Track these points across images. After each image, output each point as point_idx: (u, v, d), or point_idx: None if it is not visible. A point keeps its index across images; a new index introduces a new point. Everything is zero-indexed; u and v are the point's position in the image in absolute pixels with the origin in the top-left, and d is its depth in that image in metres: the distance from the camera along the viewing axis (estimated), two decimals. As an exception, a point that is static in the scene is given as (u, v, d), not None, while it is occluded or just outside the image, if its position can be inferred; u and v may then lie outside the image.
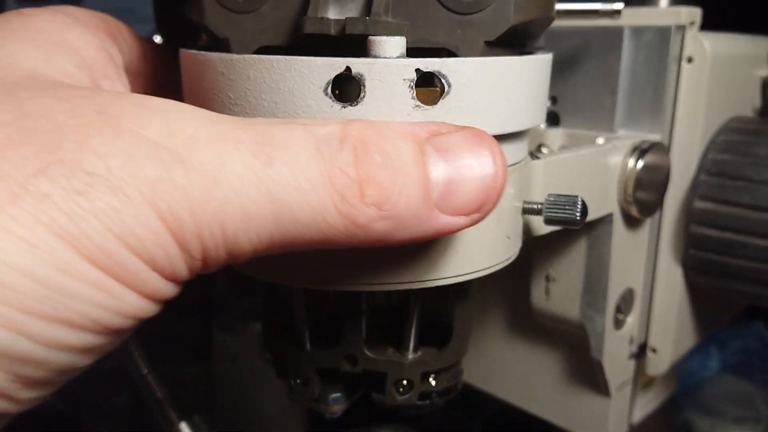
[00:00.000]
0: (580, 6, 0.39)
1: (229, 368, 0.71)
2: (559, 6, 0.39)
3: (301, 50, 0.25)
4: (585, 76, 0.43)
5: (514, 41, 0.28)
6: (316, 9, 0.25)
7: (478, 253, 0.29)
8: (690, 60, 0.41)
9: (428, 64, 0.24)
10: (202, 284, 0.27)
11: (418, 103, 0.24)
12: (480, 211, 0.23)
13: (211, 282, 0.72)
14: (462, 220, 0.23)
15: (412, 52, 0.24)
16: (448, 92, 0.25)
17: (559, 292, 0.42)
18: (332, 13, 0.26)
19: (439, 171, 0.22)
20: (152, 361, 0.70)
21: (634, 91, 0.42)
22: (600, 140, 0.41)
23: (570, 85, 0.43)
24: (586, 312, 0.41)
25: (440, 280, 0.28)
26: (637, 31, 0.41)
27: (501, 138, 0.27)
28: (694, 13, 0.41)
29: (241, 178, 0.20)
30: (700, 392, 0.60)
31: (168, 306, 0.22)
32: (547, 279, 0.43)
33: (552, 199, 0.31)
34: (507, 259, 0.30)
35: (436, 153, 0.22)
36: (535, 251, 0.43)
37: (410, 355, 0.32)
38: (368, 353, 0.32)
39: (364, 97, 0.24)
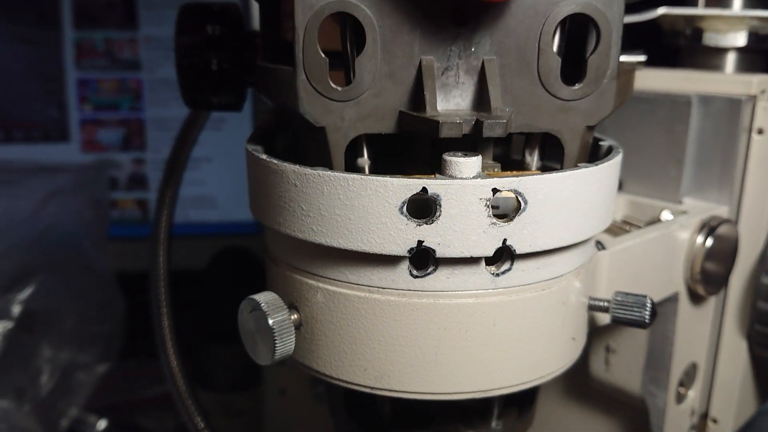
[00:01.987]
0: None
1: (278, 401, 0.72)
2: None
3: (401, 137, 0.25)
4: (650, 143, 0.42)
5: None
6: (433, 104, 0.25)
7: (543, 359, 0.28)
8: (761, 132, 0.40)
9: (505, 183, 0.24)
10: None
11: (494, 220, 0.24)
12: None
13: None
14: None
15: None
16: (524, 209, 0.24)
17: (619, 364, 0.42)
18: (441, 104, 0.25)
19: None
20: (202, 387, 0.71)
21: (702, 161, 0.41)
22: (666, 214, 0.40)
23: (634, 150, 0.42)
24: (648, 387, 0.41)
25: (505, 389, 0.28)
26: (706, 100, 0.40)
27: (574, 244, 0.27)
28: (765, 82, 0.40)
29: None
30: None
31: (219, 333, 0.21)
32: (607, 350, 0.42)
33: (620, 298, 0.30)
34: (572, 361, 0.30)
35: None
36: (595, 321, 0.42)
37: (493, 422, 0.32)
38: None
39: (439, 215, 0.24)
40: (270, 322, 0.27)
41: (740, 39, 0.46)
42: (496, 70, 0.25)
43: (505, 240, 0.24)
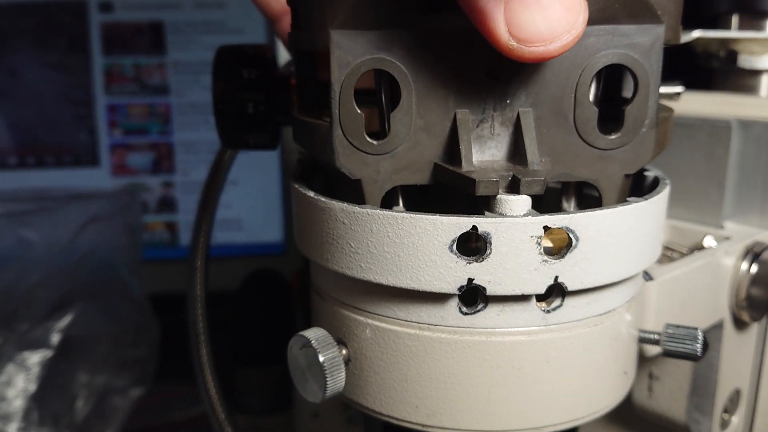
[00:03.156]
0: None
1: (310, 424, 0.72)
2: None
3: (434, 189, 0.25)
4: (691, 167, 0.42)
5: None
6: (468, 158, 0.25)
7: (596, 394, 0.28)
8: (803, 155, 0.39)
9: (556, 221, 0.24)
10: (287, 335, 0.27)
11: (546, 257, 0.24)
12: None
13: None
14: None
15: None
16: (576, 245, 0.24)
17: (662, 391, 0.41)
18: (476, 155, 0.25)
19: None
20: (234, 409, 0.72)
21: (742, 185, 0.41)
22: (708, 240, 0.39)
23: (674, 175, 0.42)
24: (693, 414, 0.40)
25: (558, 426, 0.27)
26: (745, 125, 0.40)
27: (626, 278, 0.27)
28: (808, 105, 0.40)
29: None
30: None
31: (254, 354, 0.21)
32: (650, 376, 0.42)
33: (671, 331, 0.30)
34: (623, 395, 0.30)
35: None
36: (637, 347, 0.42)
37: None
38: None
39: (490, 253, 0.24)
40: (321, 359, 0.27)
41: (776, 60, 0.46)
42: (532, 122, 0.25)
43: (556, 277, 0.24)
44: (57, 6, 0.87)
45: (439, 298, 0.26)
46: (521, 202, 0.24)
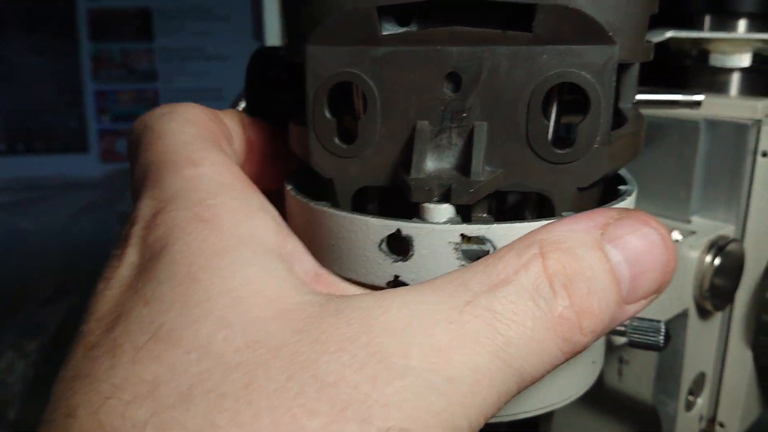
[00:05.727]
0: (661, 97, 0.39)
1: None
2: (639, 96, 0.39)
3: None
4: (660, 165, 0.44)
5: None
6: (418, 167, 0.27)
7: (566, 384, 0.30)
8: (765, 154, 0.42)
9: (473, 230, 0.26)
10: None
11: (463, 263, 0.26)
12: (659, 291, 0.24)
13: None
14: (643, 303, 0.24)
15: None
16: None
17: (631, 374, 0.44)
18: (431, 163, 0.27)
19: (624, 272, 0.23)
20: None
21: (709, 182, 0.43)
22: (675, 234, 0.42)
23: (645, 171, 0.45)
24: (659, 396, 0.43)
25: (530, 413, 0.30)
26: (713, 125, 0.42)
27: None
28: (771, 106, 0.42)
29: (486, 373, 0.21)
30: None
31: None
32: (620, 361, 0.44)
33: (636, 324, 0.32)
34: (591, 383, 0.32)
35: (616, 250, 0.23)
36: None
37: None
38: None
39: (413, 255, 0.26)
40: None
41: (745, 60, 0.48)
42: (484, 135, 0.26)
43: None
44: (44, -8, 0.87)
45: (378, 289, 0.28)
46: (443, 211, 0.26)
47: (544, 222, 0.25)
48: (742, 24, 0.48)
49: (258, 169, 0.34)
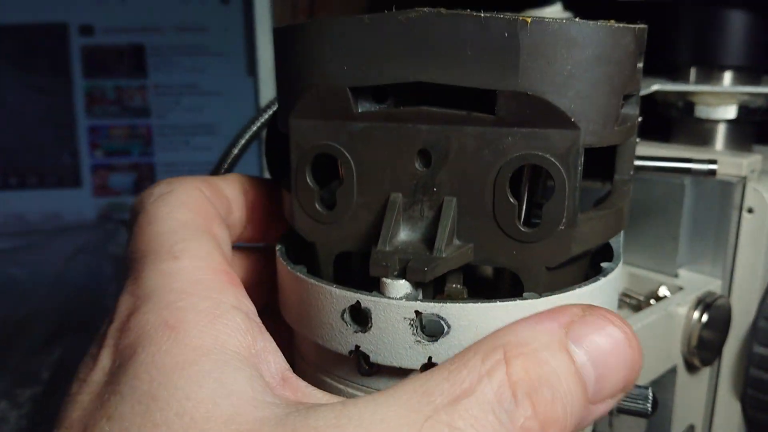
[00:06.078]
0: (674, 164, 0.39)
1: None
2: (653, 163, 0.39)
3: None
4: (648, 219, 0.45)
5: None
6: (385, 239, 0.27)
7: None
8: (750, 210, 0.43)
9: (427, 307, 0.26)
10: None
11: (419, 338, 0.26)
12: (626, 389, 0.24)
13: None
14: (610, 402, 0.24)
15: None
16: (447, 332, 0.26)
17: (622, 426, 0.44)
18: (404, 233, 0.28)
19: (589, 373, 0.23)
20: None
21: (696, 237, 0.44)
22: (663, 290, 0.42)
23: (633, 224, 0.45)
24: (649, 450, 0.43)
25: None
26: (699, 182, 0.43)
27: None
28: (754, 163, 0.43)
29: None
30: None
31: None
32: (611, 413, 0.45)
33: (624, 391, 0.33)
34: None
35: (581, 351, 0.23)
36: (599, 386, 0.45)
37: None
38: None
39: (371, 327, 0.26)
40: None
41: (730, 112, 0.49)
42: (451, 211, 0.27)
43: (430, 357, 0.26)
44: (38, 29, 0.88)
45: (344, 356, 0.28)
46: (398, 287, 0.26)
47: (499, 303, 0.26)
48: (727, 76, 0.49)
49: (262, 229, 0.34)
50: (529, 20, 0.24)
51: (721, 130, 0.50)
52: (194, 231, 0.28)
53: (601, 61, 0.25)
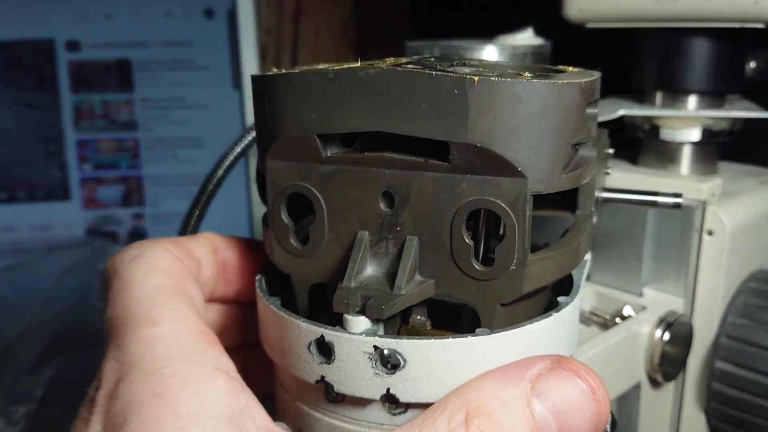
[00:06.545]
0: (639, 197, 0.40)
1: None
2: (618, 195, 0.40)
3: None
4: (613, 240, 0.46)
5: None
6: (351, 276, 0.29)
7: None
8: (710, 233, 0.44)
9: (384, 343, 0.28)
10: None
11: (378, 371, 0.28)
12: None
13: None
14: None
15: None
16: (404, 366, 0.28)
17: (590, 440, 0.46)
18: (371, 268, 0.30)
19: (551, 428, 0.25)
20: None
21: (659, 258, 0.46)
22: (627, 309, 0.44)
23: (598, 244, 0.47)
24: (615, 462, 0.45)
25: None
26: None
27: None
28: (714, 187, 0.45)
29: None
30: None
31: None
32: None
33: (583, 412, 0.34)
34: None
35: (542, 405, 0.25)
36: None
37: None
38: None
39: (335, 359, 0.28)
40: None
41: (694, 135, 0.51)
42: (413, 250, 0.29)
43: (388, 389, 0.28)
44: (25, 45, 0.89)
45: (313, 385, 0.30)
46: (359, 323, 0.28)
47: (452, 339, 0.27)
48: (692, 100, 0.51)
49: (234, 286, 0.36)
50: (476, 79, 0.25)
51: (686, 152, 0.52)
52: (168, 294, 0.29)
53: (546, 115, 0.26)
